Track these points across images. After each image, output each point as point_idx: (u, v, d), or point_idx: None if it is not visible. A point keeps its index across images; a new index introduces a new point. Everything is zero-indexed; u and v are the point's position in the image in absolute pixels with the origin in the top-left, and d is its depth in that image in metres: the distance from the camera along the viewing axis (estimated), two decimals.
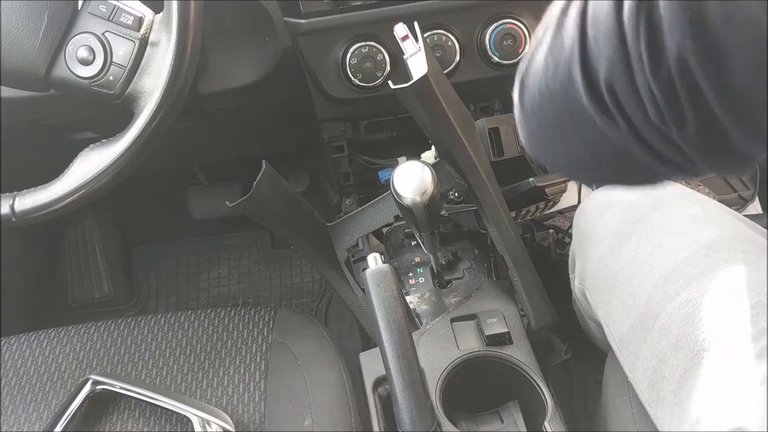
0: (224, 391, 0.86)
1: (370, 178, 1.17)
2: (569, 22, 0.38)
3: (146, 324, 0.95)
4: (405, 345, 0.70)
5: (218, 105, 1.05)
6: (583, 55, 0.37)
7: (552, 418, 0.79)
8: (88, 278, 1.61)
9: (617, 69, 0.36)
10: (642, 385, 0.72)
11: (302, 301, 1.60)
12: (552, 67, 0.40)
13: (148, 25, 0.76)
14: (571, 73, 0.38)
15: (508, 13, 0.96)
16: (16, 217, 0.76)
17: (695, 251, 0.70)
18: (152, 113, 0.75)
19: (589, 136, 0.41)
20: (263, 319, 0.94)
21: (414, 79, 0.71)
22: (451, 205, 1.01)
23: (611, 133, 0.39)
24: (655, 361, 0.69)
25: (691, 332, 0.65)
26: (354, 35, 0.96)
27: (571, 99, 0.39)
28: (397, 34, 0.74)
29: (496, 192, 0.89)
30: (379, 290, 0.71)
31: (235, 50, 0.98)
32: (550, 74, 0.40)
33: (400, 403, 0.70)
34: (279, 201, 0.92)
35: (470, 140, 0.85)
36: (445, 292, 0.99)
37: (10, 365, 0.90)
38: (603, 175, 0.47)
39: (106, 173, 0.75)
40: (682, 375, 0.64)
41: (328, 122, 1.09)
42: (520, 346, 0.85)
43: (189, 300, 1.63)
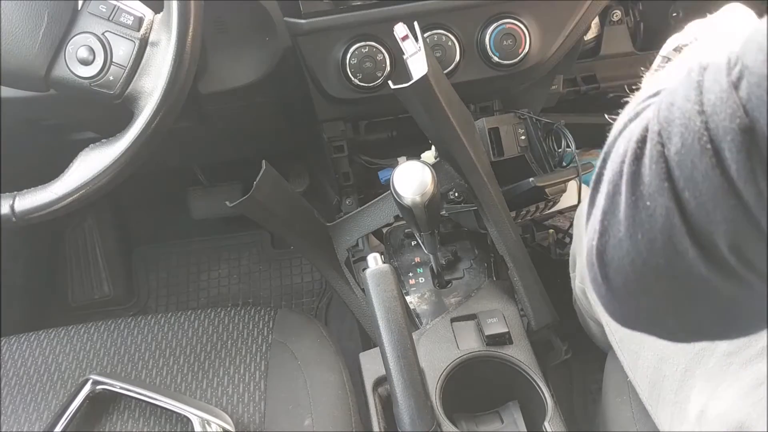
0: (224, 391, 0.86)
1: (370, 178, 1.17)
2: (649, 189, 0.34)
3: (146, 324, 0.95)
4: (405, 345, 0.70)
5: (218, 105, 1.05)
6: (687, 224, 0.33)
7: (552, 418, 0.79)
8: (88, 278, 1.61)
9: (742, 230, 0.32)
10: (642, 384, 0.72)
11: (302, 301, 1.60)
12: (645, 241, 0.35)
13: (148, 25, 0.76)
14: (676, 246, 0.34)
15: (508, 13, 0.96)
16: (16, 217, 0.76)
17: None
18: (152, 113, 0.75)
19: (715, 302, 0.37)
20: (263, 319, 0.94)
21: (414, 79, 0.71)
22: (451, 205, 1.01)
23: (743, 294, 0.35)
24: (655, 360, 0.69)
25: None
26: (354, 35, 0.96)
27: (682, 271, 0.35)
28: (397, 34, 0.74)
29: (496, 192, 0.89)
30: (379, 290, 0.71)
31: (235, 50, 0.98)
32: (645, 249, 0.35)
33: (400, 403, 0.70)
34: (279, 201, 0.92)
35: (470, 140, 0.84)
36: (445, 292, 0.99)
37: (10, 365, 0.90)
38: (730, 333, 0.42)
39: (106, 173, 0.75)
40: (683, 374, 0.64)
41: (328, 122, 1.09)
42: (520, 346, 0.85)
43: (189, 300, 1.63)
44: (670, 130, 0.33)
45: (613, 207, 0.37)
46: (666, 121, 0.34)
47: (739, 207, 0.32)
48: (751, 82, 0.30)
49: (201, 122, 1.12)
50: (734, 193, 0.31)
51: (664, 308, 0.39)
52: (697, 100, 0.32)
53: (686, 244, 0.34)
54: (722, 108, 0.31)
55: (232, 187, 1.62)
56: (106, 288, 1.60)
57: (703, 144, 0.32)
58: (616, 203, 0.37)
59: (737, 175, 0.31)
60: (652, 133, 0.35)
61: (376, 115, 1.14)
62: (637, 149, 0.35)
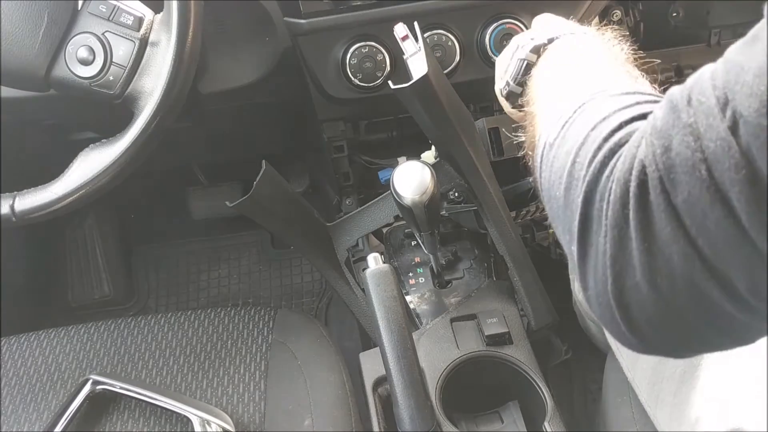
0: (224, 391, 0.86)
1: (370, 178, 1.17)
2: (662, 236, 0.35)
3: (146, 324, 0.95)
4: (405, 345, 0.70)
5: (218, 105, 1.05)
6: (709, 269, 0.34)
7: (552, 418, 0.79)
8: (88, 278, 1.61)
9: (759, 273, 0.32)
10: (641, 386, 0.72)
11: (302, 301, 1.60)
12: (666, 285, 0.36)
13: (148, 25, 0.76)
14: (700, 288, 0.35)
15: (508, 13, 0.96)
16: (16, 217, 0.76)
17: None
18: (152, 113, 0.75)
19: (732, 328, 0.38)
20: (263, 319, 0.94)
21: (414, 79, 0.71)
22: (451, 205, 1.01)
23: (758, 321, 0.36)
24: (654, 361, 0.69)
25: None
26: (354, 35, 0.96)
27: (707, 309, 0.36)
28: (397, 34, 0.74)
29: (496, 192, 0.89)
30: (379, 290, 0.71)
31: (235, 50, 0.98)
32: (668, 292, 0.36)
33: (400, 403, 0.70)
34: (279, 201, 0.92)
35: (470, 140, 0.84)
36: (445, 292, 0.99)
37: (10, 365, 0.90)
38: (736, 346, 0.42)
39: (106, 173, 0.75)
40: (682, 376, 0.64)
41: (328, 122, 1.09)
42: (520, 346, 0.85)
43: (189, 300, 1.63)
44: (674, 178, 0.34)
45: (623, 252, 0.37)
46: (666, 169, 0.34)
47: (755, 254, 0.32)
48: (748, 131, 0.30)
49: (201, 122, 1.12)
50: (749, 242, 0.32)
51: (685, 337, 0.39)
52: (696, 147, 0.33)
53: (710, 286, 0.34)
54: (725, 158, 0.31)
55: (232, 187, 1.62)
56: (106, 288, 1.60)
57: (712, 194, 0.32)
58: (626, 248, 0.36)
59: (749, 224, 0.31)
60: (653, 180, 0.35)
61: (376, 115, 1.14)
62: (642, 196, 0.35)
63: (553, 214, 0.45)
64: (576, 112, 0.44)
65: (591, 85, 0.47)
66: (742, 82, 0.31)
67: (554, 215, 0.45)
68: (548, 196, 0.46)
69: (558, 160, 0.43)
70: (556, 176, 0.43)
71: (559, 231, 0.45)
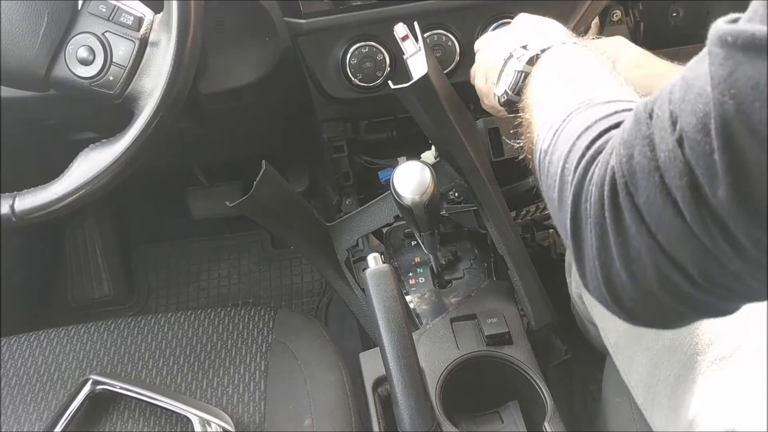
0: (224, 391, 0.86)
1: (370, 178, 1.17)
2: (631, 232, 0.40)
3: (146, 324, 0.95)
4: (405, 345, 0.70)
5: (218, 105, 1.05)
6: (669, 259, 0.39)
7: (552, 418, 0.79)
8: (88, 278, 1.61)
9: (706, 264, 0.38)
10: (638, 388, 0.72)
11: (302, 301, 1.60)
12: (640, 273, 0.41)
13: (148, 25, 0.76)
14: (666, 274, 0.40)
15: (508, 13, 0.96)
16: (16, 217, 0.76)
17: None
18: (152, 113, 0.75)
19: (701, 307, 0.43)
20: (263, 319, 0.94)
21: (414, 79, 0.71)
22: (451, 205, 1.01)
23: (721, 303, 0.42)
24: (649, 365, 0.69)
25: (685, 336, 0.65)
26: (354, 35, 0.96)
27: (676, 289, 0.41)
28: (397, 34, 0.74)
29: (496, 192, 0.89)
30: (379, 290, 0.71)
31: (235, 50, 0.98)
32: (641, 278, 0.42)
33: (400, 403, 0.70)
34: (279, 201, 0.92)
35: (470, 140, 0.84)
36: (445, 292, 0.99)
37: (10, 365, 0.90)
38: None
39: (106, 173, 0.75)
40: (676, 379, 0.65)
41: (328, 122, 1.09)
42: (520, 346, 0.85)
43: (189, 300, 1.63)
44: (635, 182, 0.39)
45: (604, 245, 0.42)
46: (629, 174, 0.39)
47: (699, 247, 0.38)
48: (689, 145, 0.36)
49: (201, 122, 1.12)
50: (695, 237, 0.37)
51: (664, 313, 0.45)
52: (652, 157, 0.38)
53: (672, 272, 0.40)
54: (672, 166, 0.37)
55: (232, 187, 1.62)
56: (106, 288, 1.60)
57: (664, 196, 0.38)
58: (606, 243, 0.42)
59: (692, 222, 0.37)
60: (621, 184, 0.40)
61: (376, 115, 1.13)
62: (613, 197, 0.41)
63: (553, 214, 0.51)
64: (565, 121, 0.50)
65: (579, 94, 0.52)
66: (687, 100, 0.36)
67: (553, 215, 0.51)
68: (547, 197, 0.51)
69: (552, 166, 0.49)
70: (551, 180, 0.49)
71: (559, 228, 0.50)
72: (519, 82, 0.63)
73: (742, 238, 0.36)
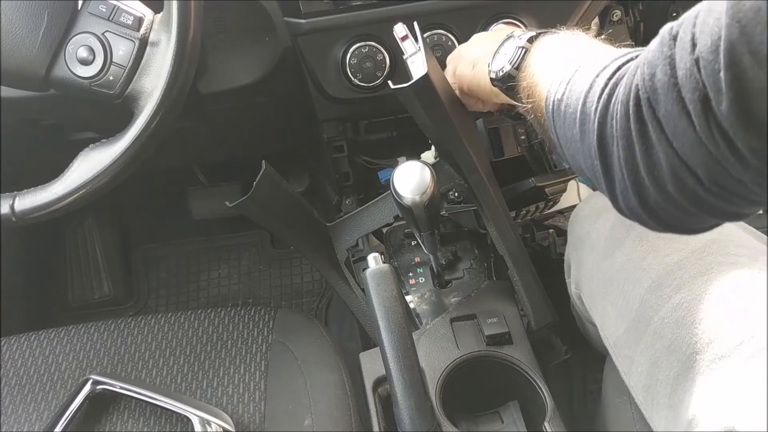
0: (224, 391, 0.86)
1: (369, 178, 1.17)
2: (653, 141, 0.46)
3: (146, 324, 0.95)
4: (405, 345, 0.70)
5: (218, 105, 1.05)
6: (684, 164, 0.45)
7: (552, 418, 0.79)
8: (88, 278, 1.61)
9: (714, 170, 0.43)
10: (637, 388, 0.72)
11: (302, 301, 1.60)
12: (659, 176, 0.47)
13: (148, 25, 0.76)
14: (681, 177, 0.46)
15: (508, 13, 0.96)
16: (16, 217, 0.76)
17: (688, 255, 0.70)
18: (152, 113, 0.75)
19: (716, 211, 0.48)
20: (263, 319, 0.94)
21: (414, 80, 0.71)
22: (451, 205, 1.01)
23: (732, 207, 0.47)
24: (648, 364, 0.69)
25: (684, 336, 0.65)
26: (354, 35, 0.96)
27: (692, 191, 0.46)
28: (396, 34, 0.74)
29: (495, 192, 0.89)
30: (379, 290, 0.71)
31: (235, 50, 0.98)
32: (661, 181, 0.47)
33: (400, 403, 0.70)
34: (279, 201, 0.92)
35: (470, 140, 0.84)
36: (445, 292, 0.99)
37: (10, 365, 0.90)
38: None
39: (106, 173, 0.75)
40: (676, 378, 0.65)
41: (328, 122, 1.09)
42: (520, 346, 0.85)
43: (189, 300, 1.63)
44: (656, 98, 0.44)
45: (631, 155, 0.48)
46: (651, 91, 0.45)
47: (707, 154, 0.43)
48: (704, 65, 0.40)
49: (201, 122, 1.12)
50: (703, 146, 0.42)
51: (685, 216, 0.50)
52: (672, 74, 0.43)
53: (686, 176, 0.45)
54: (688, 82, 0.41)
55: (232, 187, 1.62)
56: (106, 288, 1.60)
57: (679, 109, 0.42)
58: (632, 152, 0.48)
59: (701, 132, 0.42)
60: (644, 99, 0.46)
61: (376, 115, 1.13)
62: (638, 111, 0.46)
63: (572, 154, 0.56)
64: (576, 73, 0.56)
65: (584, 56, 0.58)
66: (706, 23, 0.40)
67: (573, 153, 0.56)
68: (564, 140, 0.57)
69: (569, 108, 0.55)
70: (569, 120, 0.55)
71: (581, 163, 0.55)
72: (519, 57, 0.68)
73: (742, 147, 0.40)
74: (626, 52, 0.54)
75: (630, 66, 0.50)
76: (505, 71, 0.69)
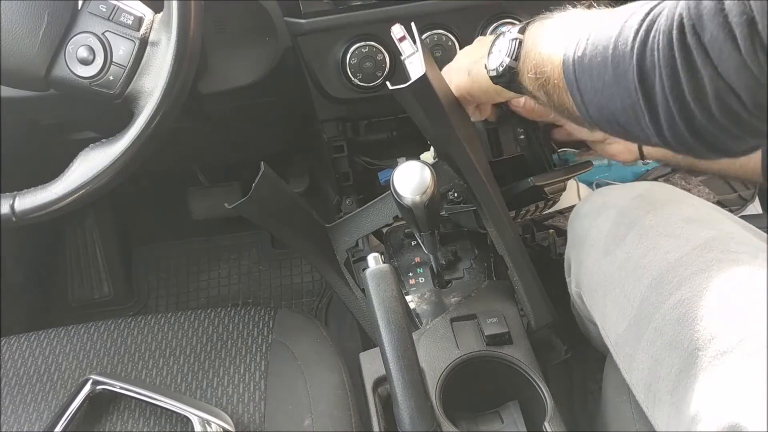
0: (224, 391, 0.86)
1: (369, 178, 1.17)
2: (698, 65, 0.48)
3: (146, 324, 0.95)
4: (405, 345, 0.70)
5: (218, 105, 1.05)
6: (728, 87, 0.47)
7: (552, 418, 0.79)
8: (88, 278, 1.61)
9: (758, 92, 0.46)
10: (638, 386, 0.72)
11: (302, 301, 1.60)
12: (703, 97, 0.49)
13: (148, 25, 0.76)
14: (724, 99, 0.48)
15: (508, 13, 0.96)
16: (16, 217, 0.76)
17: (688, 252, 0.70)
18: (152, 113, 0.75)
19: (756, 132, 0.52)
20: (263, 319, 0.94)
21: (412, 80, 0.71)
22: (450, 205, 1.01)
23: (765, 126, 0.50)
24: (650, 362, 0.69)
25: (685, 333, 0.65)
26: (354, 35, 0.96)
27: (732, 117, 0.49)
28: (394, 35, 0.73)
29: (495, 192, 0.89)
30: (379, 290, 0.71)
31: (235, 50, 0.98)
32: (706, 103, 0.49)
33: (400, 403, 0.70)
34: (278, 203, 0.92)
35: (469, 141, 0.84)
36: (445, 292, 0.99)
37: (10, 365, 0.90)
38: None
39: (106, 173, 0.75)
40: (677, 375, 0.64)
41: (328, 122, 1.09)
42: (520, 346, 0.85)
43: (189, 300, 1.63)
44: (702, 24, 0.47)
45: (676, 82, 0.50)
46: (697, 18, 0.47)
47: (752, 77, 0.45)
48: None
49: (201, 122, 1.12)
50: (748, 69, 0.45)
51: (728, 138, 0.52)
52: (719, 1, 0.45)
53: (731, 98, 0.48)
54: (735, 6, 0.44)
55: (232, 188, 1.62)
56: (106, 288, 1.61)
57: (726, 33, 0.45)
58: (677, 79, 0.50)
59: (746, 54, 0.44)
60: (689, 27, 0.48)
61: (376, 115, 1.13)
62: (682, 39, 0.49)
63: (604, 103, 0.58)
64: (592, 31, 0.58)
65: (587, 19, 0.61)
66: None
67: (606, 102, 0.57)
68: (594, 92, 0.58)
69: (595, 58, 0.56)
70: (598, 70, 0.56)
71: (616, 106, 0.56)
72: (515, 48, 0.69)
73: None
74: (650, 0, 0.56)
75: (666, 3, 0.52)
76: (505, 65, 0.70)
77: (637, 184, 0.86)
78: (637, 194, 0.82)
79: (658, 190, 0.83)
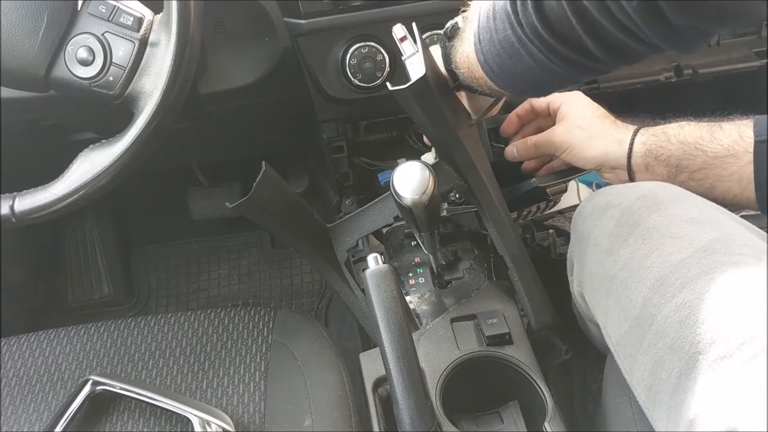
0: (224, 392, 0.86)
1: (369, 179, 1.17)
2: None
3: (146, 324, 0.95)
4: (405, 345, 0.70)
5: (218, 105, 1.05)
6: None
7: (552, 419, 0.79)
8: (88, 278, 1.61)
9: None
10: (639, 388, 0.72)
11: (302, 302, 1.60)
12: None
13: (148, 26, 0.76)
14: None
15: None
16: (16, 218, 0.76)
17: (691, 254, 0.70)
18: (152, 114, 0.75)
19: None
20: (263, 319, 0.94)
21: (412, 81, 0.71)
22: (452, 206, 1.01)
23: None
24: (651, 363, 0.69)
25: (687, 335, 0.65)
26: (354, 35, 0.96)
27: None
28: (395, 35, 0.73)
29: (495, 193, 0.89)
30: (379, 290, 0.71)
31: (235, 50, 0.98)
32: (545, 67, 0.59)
33: (400, 403, 0.70)
34: (278, 202, 0.92)
35: (469, 141, 0.84)
36: (445, 292, 0.99)
37: (10, 365, 0.90)
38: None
39: (105, 174, 0.75)
40: (678, 378, 0.64)
41: (328, 122, 1.09)
42: (520, 347, 0.85)
43: (189, 300, 1.63)
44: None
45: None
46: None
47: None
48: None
49: (201, 122, 1.13)
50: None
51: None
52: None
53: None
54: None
55: (232, 188, 1.62)
56: (106, 288, 1.61)
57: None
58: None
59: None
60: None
61: (376, 115, 1.14)
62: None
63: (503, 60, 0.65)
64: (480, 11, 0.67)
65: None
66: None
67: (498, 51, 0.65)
68: (490, 43, 0.66)
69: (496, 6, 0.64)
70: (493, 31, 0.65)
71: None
72: (449, 48, 0.77)
73: None
74: None
75: None
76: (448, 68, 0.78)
77: (641, 184, 0.85)
78: (641, 194, 0.81)
79: (661, 190, 0.83)
